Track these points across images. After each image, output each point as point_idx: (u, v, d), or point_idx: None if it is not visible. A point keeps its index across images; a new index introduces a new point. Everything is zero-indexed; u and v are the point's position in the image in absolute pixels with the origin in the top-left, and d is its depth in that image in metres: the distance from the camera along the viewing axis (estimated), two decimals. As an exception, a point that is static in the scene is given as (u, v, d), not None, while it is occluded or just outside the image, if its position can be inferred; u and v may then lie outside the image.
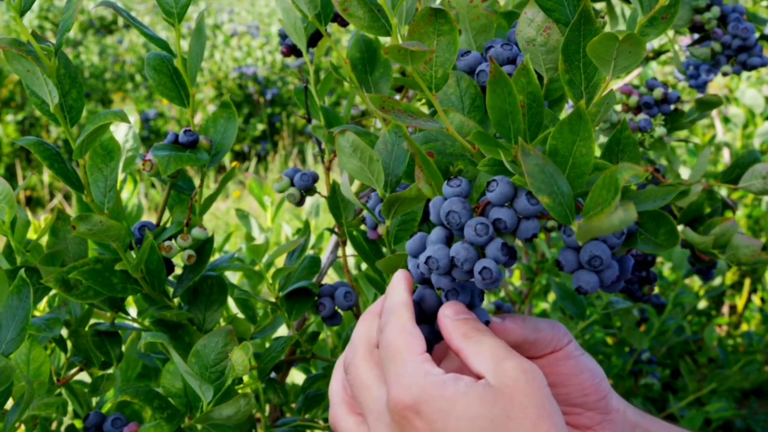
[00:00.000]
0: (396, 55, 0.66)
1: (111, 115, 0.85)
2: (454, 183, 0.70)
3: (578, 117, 0.66)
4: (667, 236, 0.71)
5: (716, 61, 1.33)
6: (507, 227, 0.68)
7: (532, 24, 0.77)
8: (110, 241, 0.88)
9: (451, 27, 0.70)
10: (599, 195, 0.63)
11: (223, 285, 1.02)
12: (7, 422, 0.86)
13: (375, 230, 0.94)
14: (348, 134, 0.82)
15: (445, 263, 0.69)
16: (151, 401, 0.90)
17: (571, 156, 0.67)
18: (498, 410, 0.65)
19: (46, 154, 0.89)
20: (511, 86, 0.68)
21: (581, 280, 0.69)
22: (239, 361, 0.86)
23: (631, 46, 0.67)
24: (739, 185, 1.14)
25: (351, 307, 1.04)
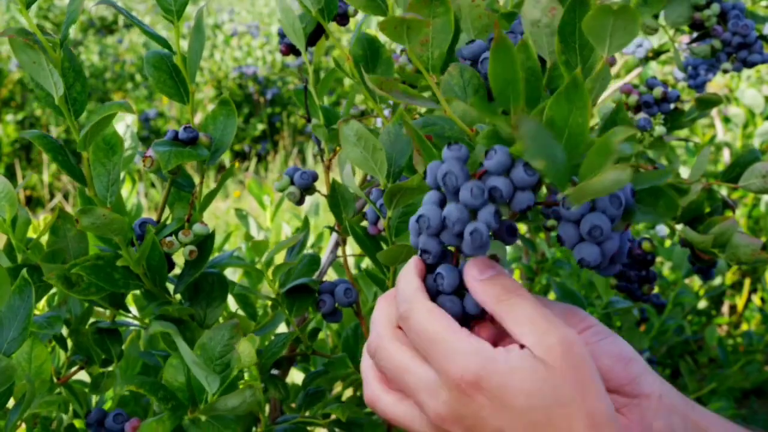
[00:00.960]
0: (392, 30, 0.67)
1: (115, 106, 0.85)
2: (454, 147, 0.70)
3: (574, 87, 0.66)
4: (666, 206, 0.72)
5: (716, 59, 1.33)
6: (503, 196, 0.68)
7: (538, 5, 0.77)
8: (113, 235, 0.88)
9: (446, 9, 0.71)
10: (593, 161, 0.63)
11: (224, 282, 1.02)
12: (9, 421, 0.86)
13: (375, 225, 0.95)
14: (352, 123, 0.83)
15: (437, 223, 0.69)
16: (156, 392, 0.90)
17: (567, 126, 0.67)
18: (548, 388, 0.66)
19: (50, 147, 0.90)
20: (515, 54, 0.68)
21: (583, 251, 0.69)
22: (246, 352, 0.87)
23: (625, 21, 0.67)
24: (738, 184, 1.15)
25: (351, 303, 1.04)
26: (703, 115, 1.32)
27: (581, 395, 0.66)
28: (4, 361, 0.79)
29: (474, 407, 0.68)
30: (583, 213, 0.69)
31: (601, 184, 0.61)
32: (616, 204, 0.69)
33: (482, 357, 0.67)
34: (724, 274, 2.57)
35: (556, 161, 0.64)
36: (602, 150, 0.62)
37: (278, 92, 7.20)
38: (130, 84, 7.49)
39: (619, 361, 0.76)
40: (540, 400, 0.66)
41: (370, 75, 0.73)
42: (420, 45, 0.72)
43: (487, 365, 0.67)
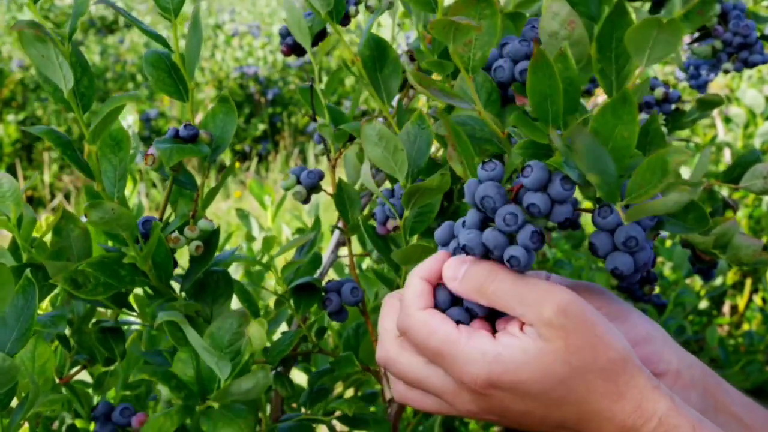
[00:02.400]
0: (440, 31, 0.68)
1: (125, 98, 0.86)
2: (489, 167, 0.71)
3: (623, 101, 0.67)
4: (696, 220, 0.73)
5: (717, 59, 1.33)
6: (541, 212, 0.69)
7: (556, 18, 0.78)
8: (121, 230, 0.88)
9: (493, 11, 0.71)
10: (643, 177, 0.64)
11: (229, 279, 1.03)
12: (12, 420, 0.86)
13: (384, 225, 0.95)
14: (375, 122, 0.84)
15: (481, 251, 0.71)
16: (168, 381, 0.90)
17: (612, 139, 0.68)
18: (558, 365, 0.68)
19: (59, 142, 0.90)
20: (554, 69, 0.69)
21: (617, 261, 0.70)
22: (256, 335, 0.87)
23: (669, 34, 0.67)
24: (740, 185, 1.15)
25: (357, 302, 1.05)
26: (704, 115, 1.32)
27: (592, 356, 0.68)
28: (8, 361, 0.79)
29: (496, 401, 0.70)
30: (619, 223, 0.70)
31: (663, 205, 0.62)
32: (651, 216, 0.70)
33: (487, 361, 0.69)
34: (725, 274, 2.57)
35: (608, 176, 0.65)
36: (655, 168, 0.63)
37: (279, 92, 7.20)
38: (131, 84, 7.49)
39: (637, 336, 0.77)
40: (554, 379, 0.68)
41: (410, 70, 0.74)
42: (463, 45, 0.73)
43: (494, 368, 0.68)
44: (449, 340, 0.70)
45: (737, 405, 0.80)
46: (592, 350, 0.68)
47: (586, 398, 0.68)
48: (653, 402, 0.68)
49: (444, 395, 0.73)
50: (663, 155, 0.63)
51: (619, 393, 0.68)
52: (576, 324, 0.68)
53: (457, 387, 0.71)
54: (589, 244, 0.72)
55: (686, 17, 0.76)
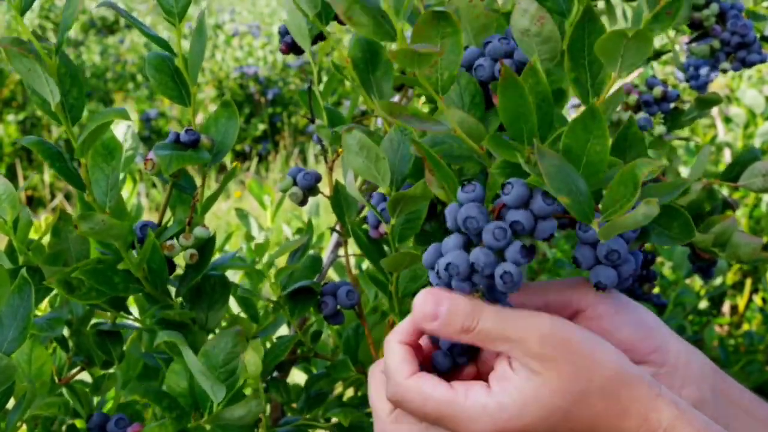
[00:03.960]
0: (403, 59, 0.67)
1: (112, 113, 0.85)
2: (469, 189, 0.70)
3: (591, 116, 0.66)
4: (682, 229, 0.72)
5: (715, 59, 1.33)
6: (524, 228, 0.68)
7: (525, 14, 0.77)
8: (112, 240, 0.88)
9: (454, 29, 0.70)
10: (617, 191, 0.63)
11: (226, 284, 1.02)
12: (9, 422, 0.86)
13: (377, 229, 0.94)
14: (355, 132, 0.83)
15: (465, 269, 0.69)
16: (160, 401, 0.90)
17: (585, 154, 0.67)
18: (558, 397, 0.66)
19: (47, 154, 0.90)
20: (523, 88, 0.68)
21: (600, 275, 0.70)
22: (252, 361, 0.87)
23: (638, 42, 0.67)
24: (739, 183, 1.15)
25: (353, 305, 1.04)
26: (703, 114, 1.32)
27: (587, 379, 0.67)
28: (4, 360, 0.79)
29: None
30: None
31: (633, 219, 0.61)
32: None
33: (489, 414, 0.67)
34: (725, 273, 2.56)
35: (579, 194, 0.65)
36: (626, 181, 0.63)
37: (279, 92, 7.20)
38: (131, 84, 7.49)
39: (640, 330, 0.75)
40: (557, 413, 0.67)
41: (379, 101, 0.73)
42: (429, 67, 0.72)
43: (498, 418, 0.67)
44: (447, 402, 0.69)
45: (744, 398, 0.80)
46: (586, 373, 0.67)
47: (594, 423, 0.67)
48: (658, 412, 0.67)
49: None
50: (632, 168, 0.62)
51: (623, 410, 0.67)
52: (563, 351, 0.67)
53: None
54: (572, 258, 0.71)
55: (656, 19, 0.75)
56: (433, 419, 0.70)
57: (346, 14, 0.79)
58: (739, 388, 0.80)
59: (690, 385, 0.75)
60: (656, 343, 0.75)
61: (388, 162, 0.84)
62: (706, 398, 0.75)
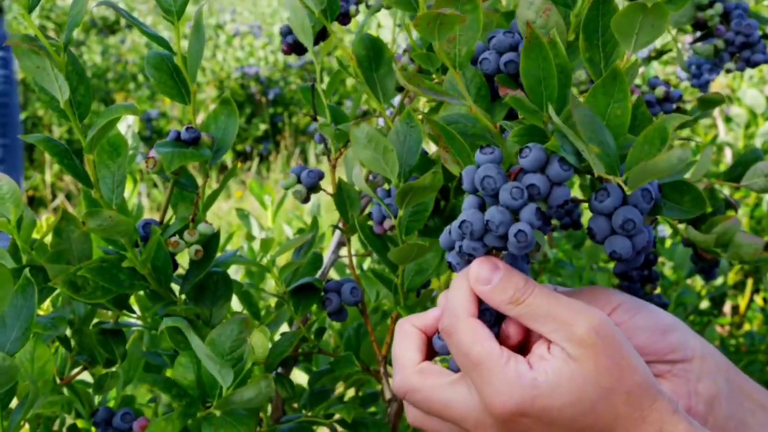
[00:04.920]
0: (425, 27, 0.68)
1: (121, 108, 0.86)
2: (487, 150, 0.71)
3: (612, 78, 0.67)
4: (693, 202, 0.72)
5: (719, 59, 1.33)
6: (540, 193, 0.68)
7: (531, 6, 0.78)
8: (119, 236, 0.88)
9: (474, 5, 0.71)
10: (642, 150, 0.64)
11: (229, 280, 1.03)
12: (12, 421, 0.86)
13: (381, 225, 0.95)
14: (363, 125, 0.83)
15: (480, 227, 0.69)
16: (169, 389, 0.90)
17: (606, 118, 0.68)
18: (590, 386, 0.67)
19: (55, 151, 0.90)
20: (547, 51, 0.69)
21: (615, 244, 0.70)
22: (259, 343, 0.87)
23: (654, 18, 0.67)
24: (741, 183, 1.15)
25: (357, 302, 1.05)
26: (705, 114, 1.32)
27: (619, 379, 0.67)
28: (7, 360, 0.79)
29: (522, 428, 0.69)
30: (616, 206, 0.69)
31: (666, 163, 0.61)
32: (647, 197, 0.70)
33: (521, 384, 0.68)
34: (726, 274, 2.56)
35: (608, 147, 0.65)
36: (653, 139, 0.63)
37: (280, 92, 7.21)
38: (132, 84, 7.49)
39: (656, 333, 0.75)
40: (584, 404, 0.67)
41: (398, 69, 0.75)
42: (447, 42, 0.73)
43: (527, 393, 0.67)
44: (492, 355, 0.69)
45: (759, 393, 0.80)
46: (619, 372, 0.67)
47: (613, 423, 0.68)
48: (673, 425, 0.68)
49: (465, 422, 0.71)
50: (660, 123, 0.62)
51: (642, 417, 0.68)
52: (606, 344, 0.67)
53: (482, 413, 0.70)
54: (587, 230, 0.71)
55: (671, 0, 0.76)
56: (471, 364, 0.69)
57: (372, -19, 0.81)
58: (753, 384, 0.80)
59: (706, 379, 0.75)
60: (679, 335, 0.76)
61: (396, 154, 0.84)
62: (722, 392, 0.76)
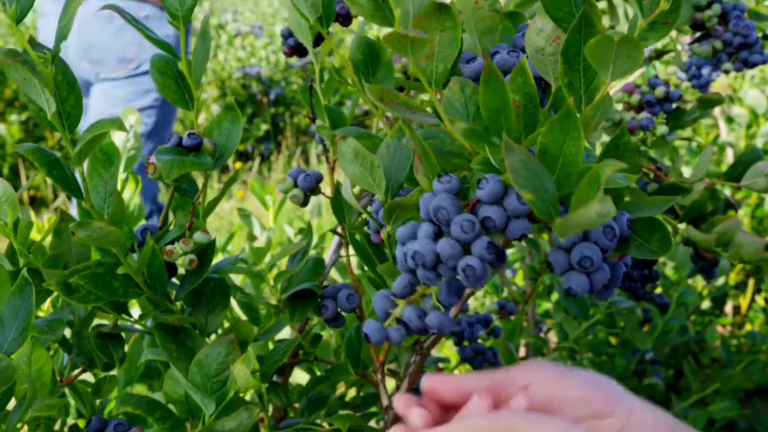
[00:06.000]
0: (396, 44, 0.66)
1: (108, 123, 0.85)
2: (444, 179, 0.70)
3: (567, 116, 0.66)
4: (661, 243, 0.72)
5: (718, 59, 1.33)
6: (496, 226, 0.67)
7: (541, 33, 0.77)
8: (110, 246, 0.88)
9: (454, 23, 0.70)
10: (584, 193, 0.63)
11: (226, 288, 1.02)
12: (10, 423, 0.86)
13: (378, 234, 0.94)
14: (349, 140, 0.82)
15: (431, 259, 0.69)
16: (153, 412, 0.90)
17: (561, 155, 0.67)
18: None
19: (44, 161, 0.89)
20: (504, 85, 0.68)
21: (571, 281, 0.69)
22: (241, 374, 0.86)
23: (629, 49, 0.66)
24: (741, 183, 1.15)
25: (354, 309, 1.04)
26: (705, 114, 1.32)
27: None
28: (5, 361, 0.79)
29: None
30: (575, 242, 0.69)
31: (587, 217, 0.60)
32: (609, 235, 0.69)
33: None
34: (727, 274, 2.56)
35: (544, 193, 0.64)
36: (592, 182, 0.62)
37: (282, 92, 7.20)
38: (133, 84, 7.48)
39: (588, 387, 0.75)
40: None
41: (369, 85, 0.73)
42: (425, 58, 0.72)
43: None
44: None
45: None
46: None
47: None
48: None
49: None
50: (597, 170, 0.62)
51: None
52: None
53: None
54: (546, 263, 0.71)
55: (651, 27, 0.75)
56: None
57: (347, -7, 0.80)
58: None
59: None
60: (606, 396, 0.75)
61: (384, 169, 0.83)
62: None
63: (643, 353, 2.13)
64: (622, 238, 0.71)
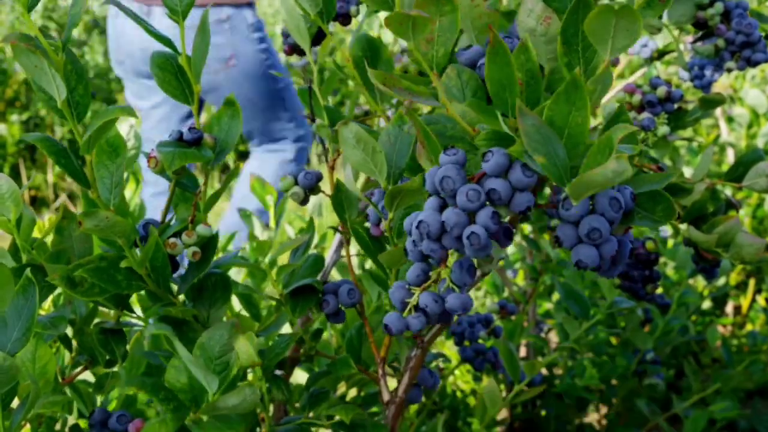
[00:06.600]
0: (397, 26, 0.67)
1: (117, 110, 0.86)
2: (450, 152, 0.71)
3: (573, 87, 0.67)
4: (665, 211, 0.72)
5: (720, 58, 1.33)
6: (501, 198, 0.68)
7: (531, 14, 0.78)
8: (116, 237, 0.88)
9: (452, 7, 0.71)
10: (594, 160, 0.64)
11: (227, 282, 1.03)
12: (13, 421, 0.86)
13: (378, 226, 0.94)
14: (351, 125, 0.83)
15: (436, 228, 0.69)
16: (157, 392, 0.90)
17: (567, 126, 0.67)
18: None
19: (53, 150, 0.90)
20: (509, 58, 0.69)
21: (581, 253, 0.70)
22: (243, 350, 0.87)
23: (627, 21, 0.67)
24: (742, 183, 1.15)
25: (354, 304, 1.04)
26: (706, 114, 1.32)
27: None
28: (8, 361, 0.79)
29: None
30: (582, 215, 0.69)
31: (602, 176, 0.61)
32: (615, 207, 0.69)
33: None
34: (728, 274, 2.56)
35: (556, 157, 0.65)
36: (603, 148, 0.63)
37: (282, 92, 7.19)
38: (134, 84, 7.48)
39: None
40: None
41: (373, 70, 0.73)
42: (425, 42, 0.72)
43: None
44: None
45: None
46: None
47: None
48: None
49: None
50: (609, 134, 0.62)
51: None
52: None
53: None
54: (554, 237, 0.71)
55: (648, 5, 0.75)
56: None
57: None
58: None
59: None
60: None
61: (386, 156, 0.84)
62: None
63: (643, 353, 2.13)
64: (626, 211, 0.72)
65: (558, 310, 2.02)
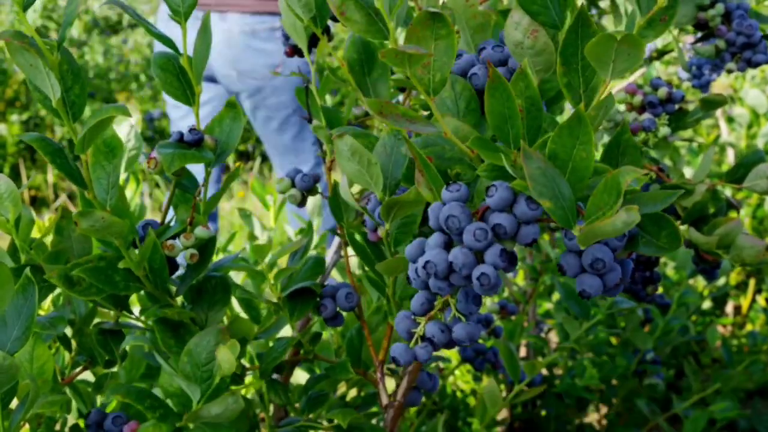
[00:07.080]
0: (393, 59, 0.67)
1: (112, 109, 0.85)
2: (453, 188, 0.70)
3: (578, 121, 0.66)
4: (669, 238, 0.72)
5: (720, 59, 1.33)
6: (507, 232, 0.67)
7: (518, 27, 0.77)
8: (112, 237, 0.88)
9: (448, 31, 0.70)
10: (601, 199, 0.63)
11: (227, 285, 1.02)
12: (12, 421, 0.86)
13: (375, 232, 0.94)
14: (346, 138, 0.82)
15: (443, 268, 0.69)
16: (142, 401, 0.90)
17: (571, 160, 0.67)
18: None
19: (49, 150, 0.90)
20: (510, 91, 0.68)
21: (584, 283, 0.69)
22: (225, 359, 0.87)
23: (629, 47, 0.66)
24: (743, 185, 1.14)
25: (353, 308, 1.04)
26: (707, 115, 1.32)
27: None
28: (7, 360, 0.79)
29: None
30: None
31: (612, 226, 0.61)
32: (619, 236, 0.69)
33: None
34: (728, 274, 2.56)
35: (562, 199, 0.64)
36: (610, 189, 0.62)
37: (282, 92, 7.19)
38: (134, 84, 7.49)
39: None
40: None
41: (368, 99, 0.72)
42: (422, 68, 0.72)
43: None
44: None
45: None
46: None
47: None
48: None
49: None
50: (616, 176, 0.62)
51: None
52: None
53: None
54: (557, 265, 0.71)
55: (649, 25, 0.75)
56: None
57: (339, 10, 0.79)
58: None
59: None
60: None
61: (382, 166, 0.83)
62: None
63: (643, 353, 2.13)
64: (630, 235, 0.71)
65: (558, 310, 2.02)
